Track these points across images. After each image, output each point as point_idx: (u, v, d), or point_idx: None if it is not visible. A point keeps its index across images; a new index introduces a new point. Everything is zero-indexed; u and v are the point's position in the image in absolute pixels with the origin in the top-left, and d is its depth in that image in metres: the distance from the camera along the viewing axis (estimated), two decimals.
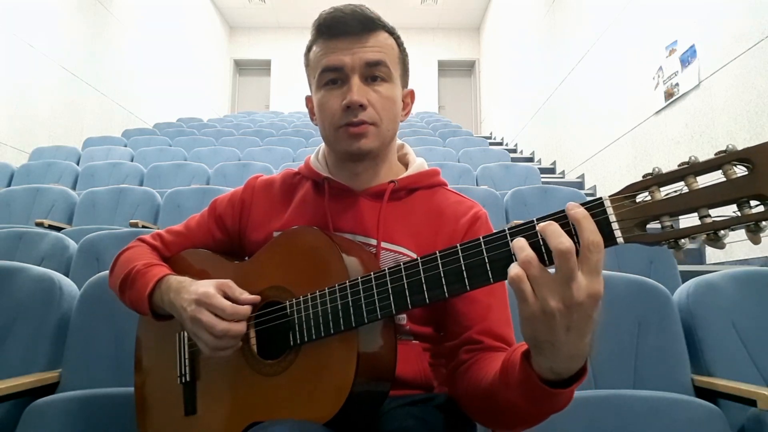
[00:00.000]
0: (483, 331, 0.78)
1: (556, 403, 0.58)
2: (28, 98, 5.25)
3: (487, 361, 0.73)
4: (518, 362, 0.60)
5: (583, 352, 0.54)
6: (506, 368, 0.63)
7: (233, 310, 0.73)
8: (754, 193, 0.47)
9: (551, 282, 0.51)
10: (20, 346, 1.30)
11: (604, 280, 0.51)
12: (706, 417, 1.12)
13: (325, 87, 0.82)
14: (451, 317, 0.81)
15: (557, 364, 0.55)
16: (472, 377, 0.73)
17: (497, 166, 4.21)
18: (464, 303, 0.80)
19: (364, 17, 0.81)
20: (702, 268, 2.57)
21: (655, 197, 0.51)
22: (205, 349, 0.75)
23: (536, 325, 0.53)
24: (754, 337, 1.33)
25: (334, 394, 0.66)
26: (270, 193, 0.94)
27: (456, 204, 0.89)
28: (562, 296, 0.50)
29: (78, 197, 3.26)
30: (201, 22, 9.84)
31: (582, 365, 0.56)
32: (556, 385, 0.56)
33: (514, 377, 0.60)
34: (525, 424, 0.65)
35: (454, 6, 10.12)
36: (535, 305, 0.52)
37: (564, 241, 0.50)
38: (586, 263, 0.50)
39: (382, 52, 0.81)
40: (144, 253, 0.93)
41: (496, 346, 0.77)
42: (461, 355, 0.78)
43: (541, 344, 0.54)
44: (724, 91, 2.91)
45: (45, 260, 1.95)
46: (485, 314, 0.79)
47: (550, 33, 6.21)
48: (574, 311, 0.50)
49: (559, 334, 0.52)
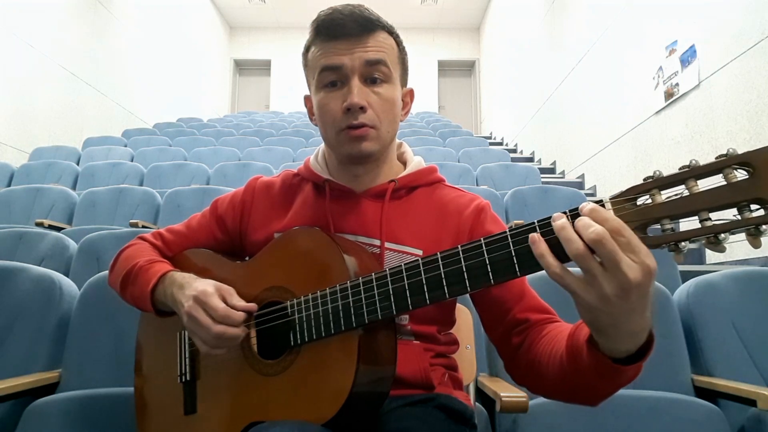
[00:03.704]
0: (525, 309, 0.78)
1: (632, 375, 0.58)
2: (28, 98, 5.25)
3: (543, 340, 0.72)
4: (584, 348, 0.59)
5: (645, 326, 0.54)
6: (573, 354, 0.62)
7: (225, 312, 0.73)
8: (754, 196, 0.47)
9: (601, 269, 0.50)
10: (20, 346, 1.30)
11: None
12: (706, 417, 1.12)
13: (325, 88, 0.82)
14: (487, 306, 0.81)
15: (622, 343, 0.55)
16: (532, 360, 0.72)
17: (497, 166, 4.21)
18: (498, 288, 0.79)
19: (362, 18, 0.80)
20: (702, 268, 2.57)
21: (655, 200, 0.52)
22: (201, 347, 0.76)
23: (596, 314, 0.52)
24: (754, 337, 1.33)
25: (334, 395, 0.66)
26: (270, 194, 0.94)
27: (457, 198, 0.89)
28: (618, 281, 0.49)
29: (78, 197, 3.26)
30: (201, 22, 9.83)
31: (647, 336, 0.56)
32: (627, 361, 0.57)
33: (583, 363, 0.60)
34: (606, 397, 0.64)
35: (454, 6, 10.12)
36: (591, 294, 0.51)
37: (596, 229, 0.49)
38: (623, 246, 0.49)
39: (381, 51, 0.81)
40: (146, 250, 0.93)
41: (542, 318, 0.77)
42: (513, 339, 0.78)
43: (604, 328, 0.54)
44: (724, 91, 2.91)
45: (45, 260, 1.96)
46: (521, 292, 0.79)
47: (550, 33, 6.21)
48: (633, 293, 0.49)
49: (621, 316, 0.51)
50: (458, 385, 0.89)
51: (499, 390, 1.07)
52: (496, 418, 1.21)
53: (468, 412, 0.83)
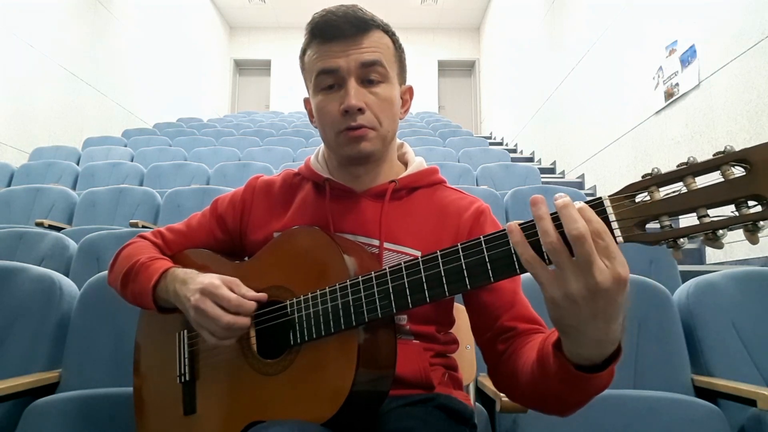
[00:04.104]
0: (514, 318, 0.78)
1: (597, 385, 0.59)
2: (28, 98, 5.25)
3: (524, 349, 0.72)
4: (551, 353, 0.60)
5: (612, 337, 0.54)
6: (542, 359, 0.63)
7: (239, 302, 0.73)
8: (751, 193, 0.47)
9: (573, 266, 0.50)
10: (20, 346, 1.30)
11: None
12: (706, 417, 1.12)
13: (323, 91, 0.82)
14: (477, 310, 0.81)
15: (585, 349, 0.55)
16: (512, 368, 0.73)
17: (497, 166, 4.21)
18: (490, 294, 0.79)
19: (356, 19, 0.80)
20: (702, 268, 2.57)
21: (654, 197, 0.52)
22: (209, 339, 0.75)
23: (561, 311, 0.53)
24: (754, 337, 1.33)
25: (333, 394, 0.66)
26: (270, 193, 0.94)
27: (458, 200, 0.89)
28: (586, 282, 0.50)
29: (78, 197, 3.26)
30: (201, 22, 9.83)
31: (614, 349, 0.56)
32: (591, 370, 0.57)
33: (550, 368, 0.61)
34: (574, 407, 0.65)
35: (454, 6, 10.12)
36: (558, 290, 0.52)
37: (579, 226, 0.49)
38: (600, 249, 0.50)
39: (377, 51, 0.81)
40: (146, 248, 0.93)
41: (530, 329, 0.77)
42: (498, 345, 0.78)
43: (566, 328, 0.55)
44: (724, 91, 2.91)
45: (45, 260, 1.96)
46: (512, 300, 0.79)
47: (550, 33, 6.21)
48: (600, 297, 0.50)
49: (585, 319, 0.52)
50: (458, 385, 0.89)
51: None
52: (496, 418, 1.20)
53: (468, 412, 0.83)
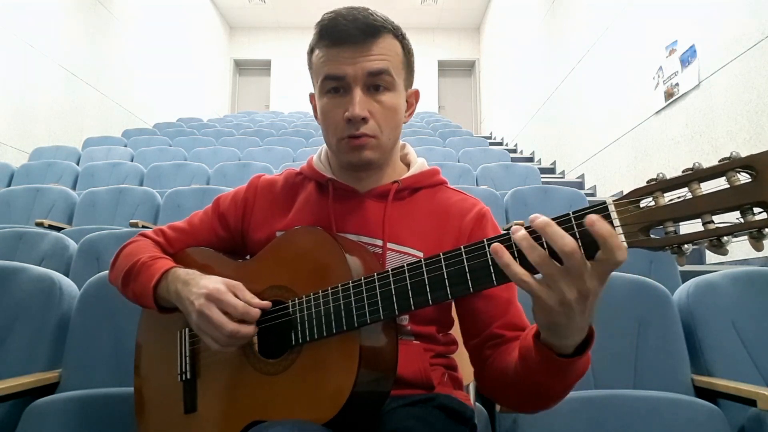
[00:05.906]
0: (504, 326, 0.79)
1: (578, 369, 0.63)
2: (28, 98, 5.25)
3: (507, 352, 0.74)
4: (532, 346, 0.63)
5: (589, 323, 0.59)
6: (524, 355, 0.66)
7: (245, 310, 0.73)
8: (757, 200, 0.47)
9: (565, 275, 0.53)
10: (20, 346, 1.30)
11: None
12: (706, 417, 1.12)
13: (328, 94, 0.82)
14: (470, 315, 0.82)
15: (570, 338, 0.59)
16: (497, 371, 0.74)
17: (497, 166, 4.21)
18: (484, 300, 0.80)
19: (365, 25, 0.79)
20: (702, 268, 2.57)
21: (658, 203, 0.52)
22: (212, 345, 0.75)
23: (554, 315, 0.56)
24: (754, 337, 1.33)
25: (334, 394, 0.66)
26: (273, 192, 0.94)
27: (460, 202, 0.90)
28: (579, 288, 0.53)
29: (78, 197, 3.26)
30: (201, 22, 9.83)
31: (588, 332, 0.60)
32: (572, 355, 0.61)
33: (533, 360, 0.63)
34: (557, 399, 0.69)
35: (454, 6, 10.12)
36: (553, 299, 0.54)
37: (568, 242, 0.52)
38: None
39: (385, 60, 0.80)
40: (147, 247, 0.93)
41: (516, 336, 0.77)
42: (485, 351, 0.79)
43: (556, 328, 0.58)
44: (724, 91, 2.91)
45: (45, 260, 1.95)
46: (506, 309, 0.80)
47: (550, 33, 6.21)
48: (590, 296, 0.54)
49: (574, 316, 0.55)
50: (458, 385, 0.89)
51: None
52: (496, 418, 1.20)
53: (468, 412, 0.83)
